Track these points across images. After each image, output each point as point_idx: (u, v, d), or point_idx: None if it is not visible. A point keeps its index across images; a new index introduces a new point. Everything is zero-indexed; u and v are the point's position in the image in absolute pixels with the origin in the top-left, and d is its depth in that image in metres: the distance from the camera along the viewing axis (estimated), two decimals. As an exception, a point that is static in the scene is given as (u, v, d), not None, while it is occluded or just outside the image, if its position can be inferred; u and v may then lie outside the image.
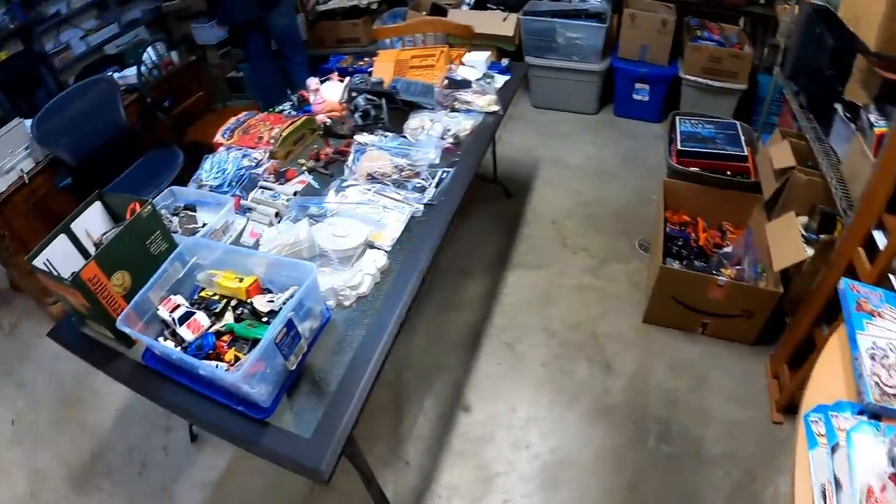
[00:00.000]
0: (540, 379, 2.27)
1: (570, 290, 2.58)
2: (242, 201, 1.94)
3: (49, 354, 1.85)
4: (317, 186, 1.99)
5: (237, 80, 4.58)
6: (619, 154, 3.35)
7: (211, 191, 2.04)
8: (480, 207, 1.89)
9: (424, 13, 3.79)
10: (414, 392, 2.30)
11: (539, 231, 2.90)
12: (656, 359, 2.27)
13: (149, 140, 3.35)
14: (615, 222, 2.87)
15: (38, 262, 1.60)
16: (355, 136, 2.11)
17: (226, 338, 1.51)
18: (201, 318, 1.53)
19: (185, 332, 1.50)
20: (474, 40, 2.87)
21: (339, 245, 1.61)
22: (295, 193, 1.91)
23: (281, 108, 2.52)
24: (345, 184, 1.90)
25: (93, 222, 1.78)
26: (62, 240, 1.67)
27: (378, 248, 1.69)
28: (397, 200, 1.82)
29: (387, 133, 2.11)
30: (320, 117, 2.31)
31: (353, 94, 2.24)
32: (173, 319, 1.53)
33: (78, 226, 1.73)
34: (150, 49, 3.42)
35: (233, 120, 2.33)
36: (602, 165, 3.27)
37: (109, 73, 3.36)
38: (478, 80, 2.44)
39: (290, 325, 1.39)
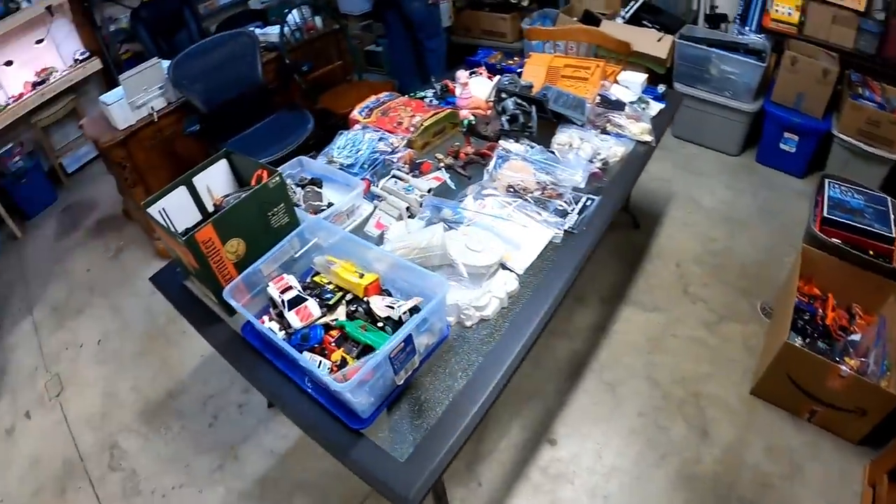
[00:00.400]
0: (633, 429, 2.12)
1: (683, 341, 2.38)
2: (373, 187, 1.83)
3: (147, 286, 1.88)
4: (452, 187, 1.88)
5: (375, 55, 4.56)
6: (755, 204, 3.07)
7: (341, 168, 1.94)
8: (606, 232, 1.74)
9: (576, 19, 3.58)
10: (503, 411, 2.19)
11: (661, 271, 2.70)
12: (756, 435, 2.08)
13: (281, 100, 3.35)
14: (740, 278, 2.63)
15: (154, 209, 1.59)
16: (500, 141, 1.95)
17: (335, 333, 1.41)
18: (313, 306, 1.43)
19: (293, 318, 1.41)
20: (629, 57, 2.65)
21: (472, 260, 1.47)
22: (429, 191, 1.80)
23: (423, 94, 2.41)
24: (484, 192, 1.75)
25: (215, 180, 1.74)
26: (181, 191, 1.65)
27: (510, 271, 1.54)
28: (537, 221, 1.65)
29: (533, 144, 1.95)
30: (464, 113, 2.18)
31: (502, 95, 2.08)
32: (283, 301, 1.44)
33: (200, 180, 1.69)
34: (294, 11, 3.41)
35: (372, 98, 2.24)
36: (736, 213, 3.01)
37: (251, 29, 3.36)
38: (632, 103, 2.25)
39: (408, 340, 1.28)
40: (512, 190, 1.76)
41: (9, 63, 3.93)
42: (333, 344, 1.38)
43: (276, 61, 3.34)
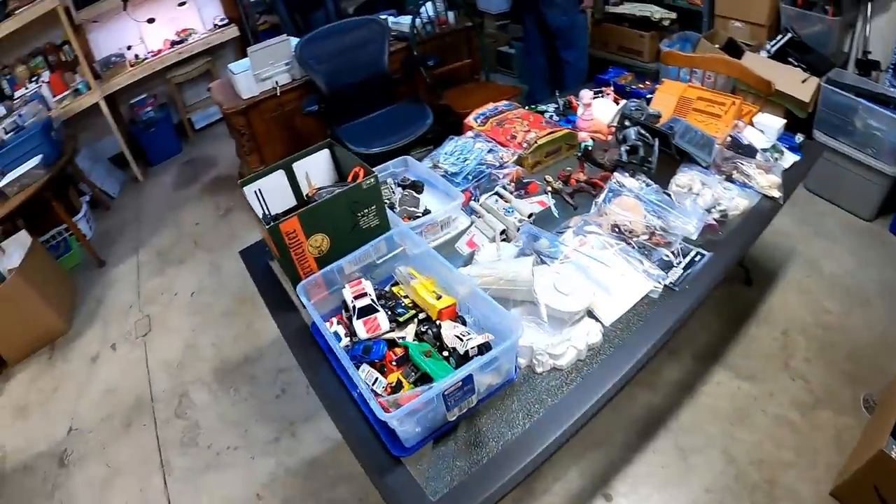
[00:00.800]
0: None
1: (771, 419, 2.16)
2: (472, 201, 1.76)
3: (248, 251, 2.01)
4: (556, 214, 1.78)
5: (507, 56, 4.49)
6: (881, 280, 2.71)
7: (444, 176, 1.88)
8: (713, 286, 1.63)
9: (718, 47, 3.30)
10: (565, 451, 2.03)
11: (765, 336, 2.46)
12: (824, 543, 1.84)
13: (405, 90, 3.35)
14: (848, 360, 2.34)
15: (250, 189, 1.60)
16: (615, 173, 1.81)
17: (398, 351, 1.37)
18: (382, 320, 1.40)
19: (360, 328, 1.39)
20: (769, 97, 2.38)
21: (557, 304, 1.36)
22: (530, 215, 1.70)
23: (544, 108, 2.31)
24: (587, 228, 1.63)
25: (315, 168, 1.76)
26: (279, 175, 1.67)
27: (596, 320, 1.41)
28: (637, 270, 1.50)
29: (650, 181, 1.79)
30: (583, 135, 2.06)
31: (626, 122, 1.94)
32: (354, 308, 1.41)
33: (300, 166, 1.71)
34: (428, 4, 3.38)
35: (490, 106, 2.17)
36: (858, 286, 2.68)
37: (385, 17, 3.38)
38: (764, 150, 2.02)
39: (467, 380, 1.19)
40: (617, 230, 1.62)
41: (151, 20, 4.23)
42: (394, 363, 1.33)
43: (404, 52, 3.35)
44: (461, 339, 1.30)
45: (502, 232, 1.62)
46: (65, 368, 3.12)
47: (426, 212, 1.74)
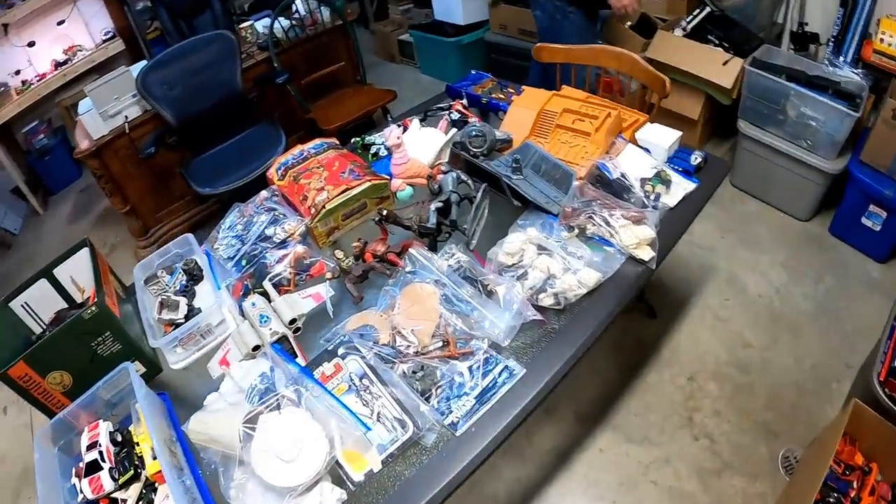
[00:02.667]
0: None
1: (663, 492, 1.83)
2: (244, 299, 1.43)
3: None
4: (330, 314, 1.42)
5: (409, 45, 4.06)
6: (815, 296, 2.33)
7: (224, 261, 1.57)
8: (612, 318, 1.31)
9: (629, 25, 2.88)
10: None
11: (666, 386, 2.10)
12: None
13: (271, 109, 2.97)
14: (767, 407, 1.99)
15: (16, 304, 1.50)
16: (414, 244, 1.48)
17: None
18: (105, 479, 1.17)
19: (86, 487, 1.16)
20: (673, 90, 1.99)
21: (276, 477, 1.06)
22: (292, 322, 1.36)
23: (371, 140, 1.96)
24: (357, 342, 1.30)
25: (78, 270, 1.57)
26: (43, 284, 1.54)
27: (344, 474, 1.11)
28: (402, 409, 1.19)
29: (457, 253, 1.45)
30: (397, 184, 1.70)
31: (456, 155, 1.60)
32: (84, 464, 1.19)
33: (62, 271, 1.56)
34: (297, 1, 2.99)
35: (298, 150, 1.81)
36: (787, 308, 2.29)
37: (251, 22, 2.99)
38: (646, 180, 1.61)
39: None
40: (390, 346, 1.29)
41: (31, 44, 3.86)
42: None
43: (266, 64, 2.97)
44: None
45: (256, 348, 1.31)
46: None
47: (191, 316, 1.45)
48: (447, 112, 1.99)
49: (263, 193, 1.71)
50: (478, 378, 1.21)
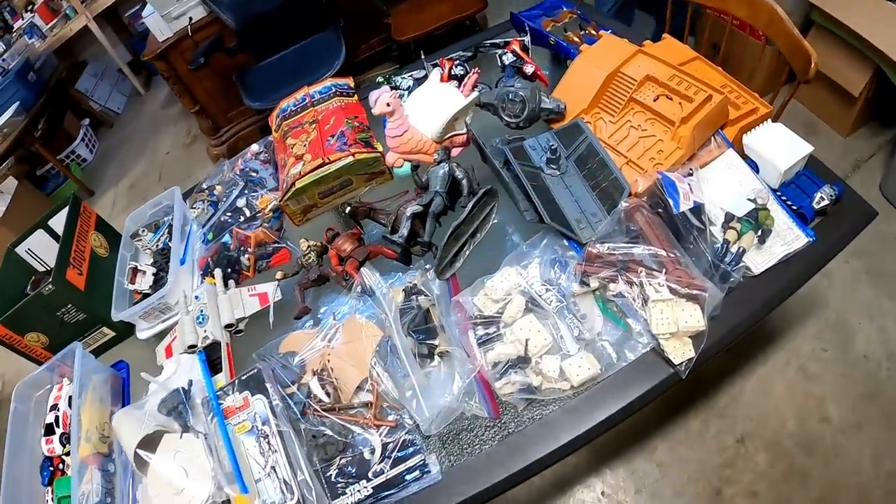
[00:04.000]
0: None
1: None
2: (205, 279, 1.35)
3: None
4: (271, 324, 1.26)
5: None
6: None
7: (199, 227, 1.49)
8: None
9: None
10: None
11: (707, 441, 1.70)
12: None
13: (345, 7, 2.68)
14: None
15: (21, 249, 1.60)
16: (379, 255, 1.25)
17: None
18: (56, 445, 1.27)
19: (42, 445, 1.27)
20: (836, 50, 1.45)
21: (160, 501, 1.04)
22: (229, 326, 1.25)
23: (401, 79, 1.61)
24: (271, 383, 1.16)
25: None
26: (41, 234, 1.60)
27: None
28: (293, 473, 1.03)
29: (426, 279, 1.20)
30: (392, 158, 1.43)
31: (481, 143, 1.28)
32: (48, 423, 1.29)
33: (57, 222, 1.59)
34: None
35: (302, 93, 1.57)
36: (893, 386, 1.70)
37: None
38: (734, 218, 1.07)
39: None
40: (303, 393, 1.11)
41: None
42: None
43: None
44: None
45: (191, 347, 1.24)
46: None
47: (157, 286, 1.41)
48: (501, 52, 1.53)
49: (254, 147, 1.55)
50: (387, 465, 1.00)
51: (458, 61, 1.55)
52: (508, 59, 1.50)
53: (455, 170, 1.27)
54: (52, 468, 1.28)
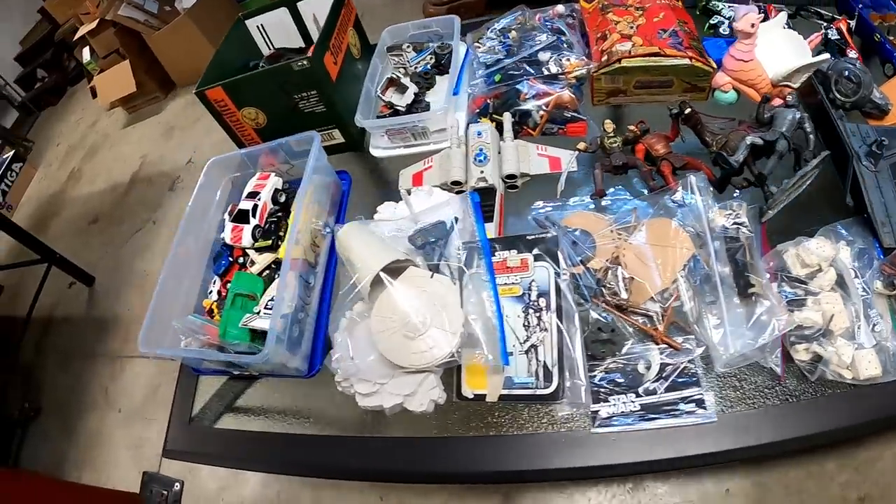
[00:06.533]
0: None
1: None
2: (477, 118, 1.17)
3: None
4: (558, 192, 1.06)
5: None
6: None
7: (479, 64, 1.28)
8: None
9: None
10: None
11: (834, 485, 1.53)
12: None
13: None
14: None
15: (251, 23, 1.49)
16: (698, 170, 1.03)
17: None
18: (245, 236, 1.13)
19: (227, 230, 1.15)
20: None
21: (387, 345, 0.86)
22: (511, 178, 1.06)
23: (726, 11, 1.39)
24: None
25: (323, 10, 1.37)
26: (283, 12, 1.48)
27: (454, 380, 0.88)
28: (559, 359, 0.87)
29: (741, 215, 1.00)
30: (721, 78, 1.17)
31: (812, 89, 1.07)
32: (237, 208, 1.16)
33: (307, 6, 1.46)
34: None
35: None
36: None
37: None
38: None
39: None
40: (596, 278, 0.94)
41: None
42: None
43: None
44: (269, 308, 0.94)
45: (455, 183, 1.04)
46: (210, 105, 3.33)
47: (415, 108, 1.22)
48: (826, 26, 1.33)
49: (560, 8, 1.33)
50: (660, 386, 0.84)
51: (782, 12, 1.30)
52: (833, 35, 1.30)
53: (806, 121, 1.05)
54: (230, 258, 1.15)
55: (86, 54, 3.73)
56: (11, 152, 2.41)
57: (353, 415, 0.92)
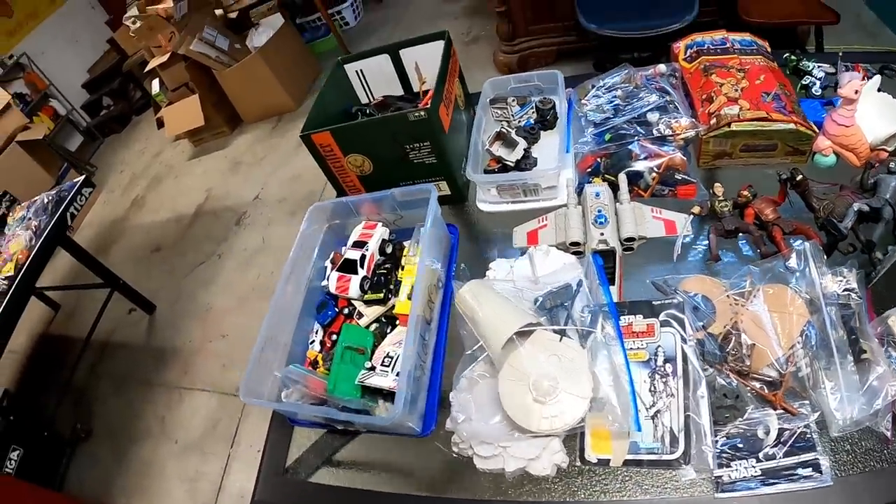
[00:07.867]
0: None
1: None
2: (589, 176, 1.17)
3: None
4: (675, 256, 1.06)
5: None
6: None
7: (582, 118, 1.28)
8: None
9: None
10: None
11: None
12: None
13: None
14: None
15: (350, 68, 1.51)
16: (811, 238, 1.01)
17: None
18: (353, 287, 1.13)
19: (333, 279, 1.16)
20: None
21: (515, 409, 0.84)
22: (629, 240, 1.05)
23: (808, 65, 1.39)
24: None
25: (428, 60, 1.46)
26: (384, 59, 1.50)
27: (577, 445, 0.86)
28: (685, 426, 0.85)
29: (850, 280, 0.97)
30: (822, 143, 1.16)
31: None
32: (343, 258, 1.17)
33: (409, 54, 1.49)
34: None
35: (719, 35, 1.36)
36: None
37: None
38: None
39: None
40: (717, 344, 0.92)
41: None
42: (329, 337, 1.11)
43: None
44: (385, 364, 0.91)
45: (574, 244, 1.03)
46: (278, 142, 3.41)
47: (524, 163, 1.22)
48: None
49: (661, 68, 1.34)
50: (780, 450, 0.84)
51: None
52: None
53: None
54: (336, 309, 1.15)
55: (155, 86, 3.87)
56: (82, 177, 2.50)
57: (469, 477, 0.90)
